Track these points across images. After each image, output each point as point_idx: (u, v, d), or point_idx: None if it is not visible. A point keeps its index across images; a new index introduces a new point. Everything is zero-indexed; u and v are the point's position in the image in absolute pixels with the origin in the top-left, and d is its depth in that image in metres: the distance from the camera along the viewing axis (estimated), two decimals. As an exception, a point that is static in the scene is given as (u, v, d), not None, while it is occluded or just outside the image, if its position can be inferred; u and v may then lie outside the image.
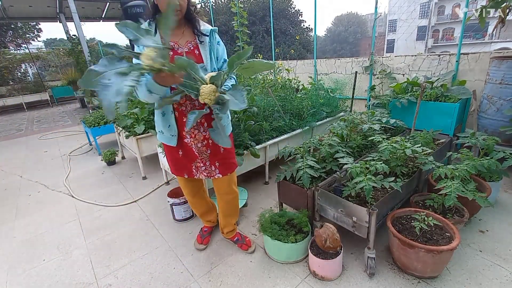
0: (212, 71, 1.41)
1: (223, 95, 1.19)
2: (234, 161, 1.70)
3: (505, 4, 2.05)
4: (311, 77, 4.65)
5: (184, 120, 1.47)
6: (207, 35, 1.46)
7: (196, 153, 1.56)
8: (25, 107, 10.12)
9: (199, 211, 1.96)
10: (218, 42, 1.53)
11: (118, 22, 1.05)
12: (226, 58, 1.57)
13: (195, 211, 1.98)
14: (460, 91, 2.82)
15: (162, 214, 2.42)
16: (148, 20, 1.38)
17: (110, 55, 1.01)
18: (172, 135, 1.52)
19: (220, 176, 1.63)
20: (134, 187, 3.00)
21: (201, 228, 2.05)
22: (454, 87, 2.94)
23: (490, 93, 2.60)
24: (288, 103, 3.08)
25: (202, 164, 1.60)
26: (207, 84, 1.19)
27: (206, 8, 14.74)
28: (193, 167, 1.62)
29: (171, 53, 1.37)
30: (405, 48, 27.24)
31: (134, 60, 1.24)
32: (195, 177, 1.65)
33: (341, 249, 1.61)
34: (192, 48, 1.44)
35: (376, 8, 3.69)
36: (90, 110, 5.68)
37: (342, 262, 1.65)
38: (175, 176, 1.90)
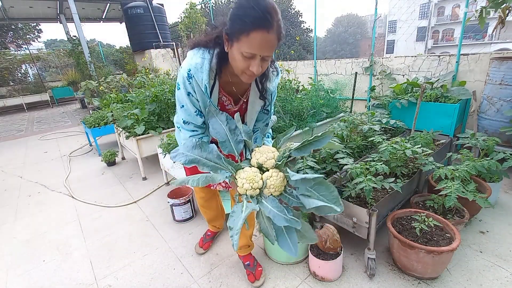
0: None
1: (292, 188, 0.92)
2: None
3: (505, 5, 2.05)
4: (311, 78, 4.65)
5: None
6: (265, 99, 1.19)
7: None
8: (25, 108, 10.12)
9: (208, 215, 1.89)
10: (273, 93, 1.24)
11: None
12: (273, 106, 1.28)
13: (204, 215, 1.90)
14: (460, 92, 2.82)
15: (162, 215, 2.42)
16: (214, 64, 1.01)
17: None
18: None
19: None
20: (134, 188, 2.99)
21: (206, 231, 2.01)
22: (454, 87, 2.93)
23: (490, 94, 2.60)
24: (288, 104, 3.08)
25: None
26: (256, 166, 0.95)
27: (206, 9, 14.78)
28: None
29: (219, 107, 1.15)
30: (405, 49, 27.26)
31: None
32: (212, 188, 1.57)
33: (341, 250, 1.61)
34: (241, 103, 1.22)
35: (376, 9, 3.69)
36: (90, 111, 5.67)
37: (342, 263, 1.65)
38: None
